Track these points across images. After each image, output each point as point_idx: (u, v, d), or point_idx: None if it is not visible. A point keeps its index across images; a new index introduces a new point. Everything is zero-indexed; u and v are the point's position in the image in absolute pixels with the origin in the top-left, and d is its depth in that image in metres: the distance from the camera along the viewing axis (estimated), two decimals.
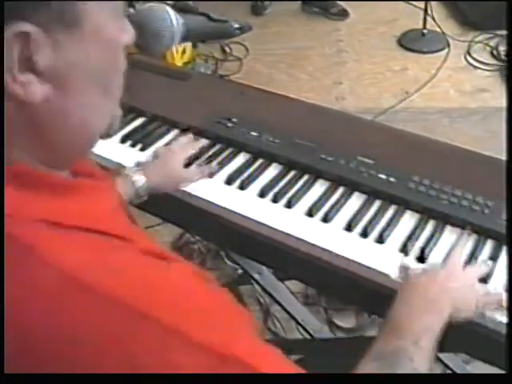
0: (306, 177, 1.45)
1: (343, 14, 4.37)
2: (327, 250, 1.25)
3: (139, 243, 0.71)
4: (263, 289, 1.99)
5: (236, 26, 1.39)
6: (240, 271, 2.26)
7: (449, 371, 2.04)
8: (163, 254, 0.72)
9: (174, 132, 1.63)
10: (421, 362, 0.94)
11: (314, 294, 2.32)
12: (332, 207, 1.36)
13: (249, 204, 1.38)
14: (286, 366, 0.73)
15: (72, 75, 0.66)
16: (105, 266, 0.65)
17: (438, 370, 2.11)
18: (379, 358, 0.94)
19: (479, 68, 3.78)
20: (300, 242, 1.28)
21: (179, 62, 3.08)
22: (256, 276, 1.79)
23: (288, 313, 2.03)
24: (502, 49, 3.90)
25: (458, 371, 1.98)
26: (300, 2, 4.52)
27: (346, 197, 1.39)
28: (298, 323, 2.06)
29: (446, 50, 3.93)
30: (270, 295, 1.99)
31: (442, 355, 1.97)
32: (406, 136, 1.57)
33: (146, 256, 0.69)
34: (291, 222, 1.33)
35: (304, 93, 3.34)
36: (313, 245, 1.27)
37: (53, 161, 0.70)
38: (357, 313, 2.24)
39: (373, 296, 1.21)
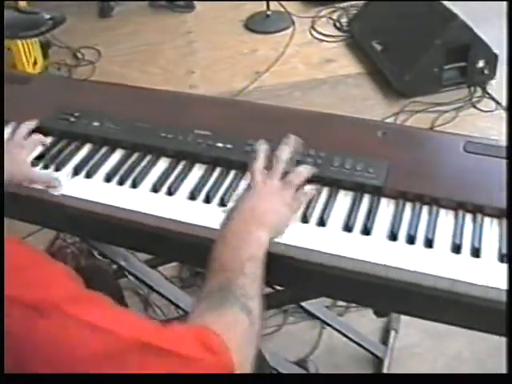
0: (148, 157, 1.49)
1: (189, 5, 4.44)
2: (174, 220, 1.31)
3: None
4: (137, 278, 2.01)
5: (47, 16, 1.40)
6: (114, 266, 2.27)
7: (325, 325, 2.14)
8: None
9: None
10: (249, 286, 1.01)
11: (188, 276, 2.37)
12: (175, 180, 1.41)
13: (96, 190, 1.42)
14: (112, 310, 0.78)
15: None
16: None
17: (316, 324, 2.22)
18: (211, 294, 1.00)
19: (324, 41, 3.94)
20: (148, 216, 1.33)
21: None
22: (122, 263, 1.82)
23: (166, 298, 2.05)
24: (344, 20, 4.07)
25: (333, 323, 2.08)
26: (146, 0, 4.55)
27: (187, 169, 1.44)
28: (178, 307, 2.09)
29: (292, 28, 4.06)
30: (145, 283, 2.01)
31: (314, 309, 2.06)
32: (239, 105, 1.65)
33: None
34: (138, 199, 1.38)
35: (158, 86, 3.35)
36: (160, 217, 1.32)
37: None
38: None
39: None
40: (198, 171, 1.44)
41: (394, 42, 3.50)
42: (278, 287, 1.77)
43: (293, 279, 1.31)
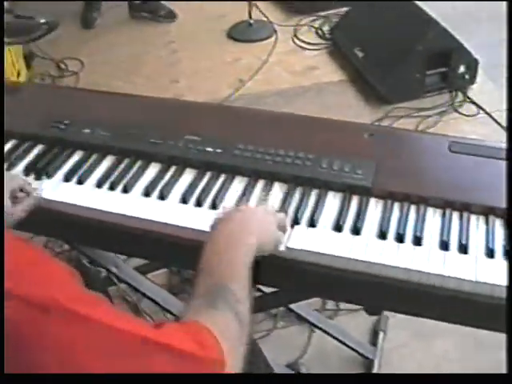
0: (139, 162, 1.51)
1: (171, 15, 4.45)
2: (166, 224, 1.33)
3: None
4: (128, 284, 2.02)
5: (42, 20, 1.42)
6: (104, 274, 2.28)
7: (315, 328, 2.16)
8: None
9: (12, 142, 1.64)
10: (239, 291, 1.03)
11: (178, 282, 2.38)
12: (166, 185, 1.43)
13: (88, 195, 1.43)
14: (112, 308, 0.80)
15: None
16: None
17: (305, 328, 2.23)
18: (202, 297, 1.02)
19: (307, 49, 3.96)
20: (141, 220, 1.35)
21: None
22: (114, 270, 1.83)
23: (157, 303, 2.06)
24: (326, 29, 4.10)
25: (323, 327, 2.09)
26: (127, 11, 4.55)
27: (178, 174, 1.46)
28: (170, 313, 2.09)
29: (274, 37, 4.09)
30: (137, 289, 2.02)
31: (304, 313, 2.08)
32: (227, 110, 1.67)
33: None
34: (130, 204, 1.40)
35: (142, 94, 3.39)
36: (151, 221, 1.34)
37: None
38: None
39: None
40: (188, 175, 1.46)
41: (376, 48, 3.53)
42: (267, 290, 1.80)
43: (285, 280, 1.34)
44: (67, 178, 1.49)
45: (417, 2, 3.45)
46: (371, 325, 2.25)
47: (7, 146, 1.62)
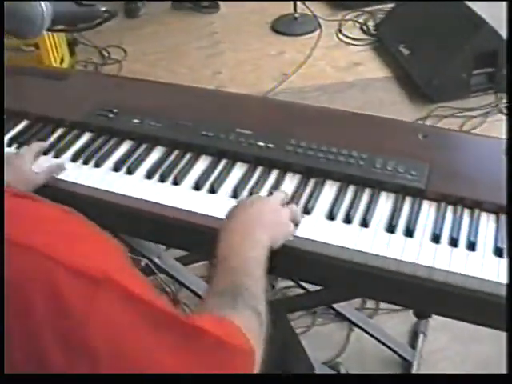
0: (189, 154, 1.50)
1: (214, 6, 4.45)
2: (214, 217, 1.31)
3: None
4: (169, 275, 2.02)
5: (103, 8, 1.42)
6: (143, 263, 2.28)
7: (354, 326, 2.14)
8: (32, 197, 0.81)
9: (61, 130, 1.63)
10: (255, 289, 1.03)
11: None
12: (217, 179, 1.42)
13: (138, 186, 1.42)
14: (152, 291, 0.81)
15: None
16: None
17: (344, 326, 2.22)
18: (220, 295, 1.01)
19: (351, 44, 3.94)
20: (190, 213, 1.34)
21: None
22: (156, 260, 1.82)
23: (198, 295, 2.05)
24: (371, 24, 4.07)
25: (363, 325, 2.08)
26: (171, 1, 4.56)
27: (228, 168, 1.45)
28: None
29: (318, 31, 4.06)
30: (177, 280, 2.01)
31: (343, 310, 2.06)
32: (280, 104, 1.65)
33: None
34: (180, 196, 1.38)
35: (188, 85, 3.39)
36: (203, 215, 1.33)
37: None
38: None
39: None
40: (239, 170, 1.45)
41: (422, 46, 3.50)
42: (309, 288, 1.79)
43: (335, 279, 1.32)
44: (116, 168, 1.48)
45: (466, 2, 3.40)
46: (411, 326, 2.22)
47: (56, 134, 1.62)
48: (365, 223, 1.29)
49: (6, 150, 1.57)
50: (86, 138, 1.60)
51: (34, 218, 0.77)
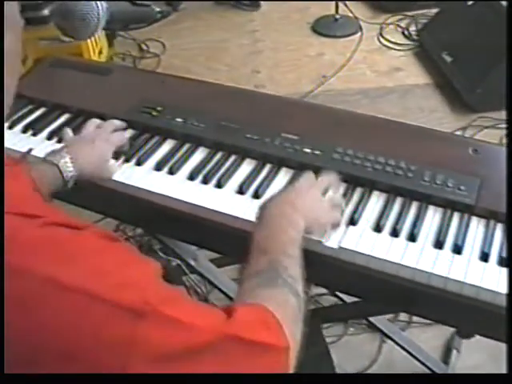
0: (233, 157, 1.48)
1: (256, 4, 4.43)
2: None
3: (53, 217, 0.75)
4: (202, 276, 2.00)
5: (157, 9, 1.41)
6: (174, 263, 2.27)
7: (386, 338, 2.11)
8: (77, 225, 0.77)
9: None
10: (293, 268, 1.02)
11: None
12: (261, 183, 1.39)
13: (179, 187, 1.40)
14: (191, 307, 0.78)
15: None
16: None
17: (376, 337, 2.18)
18: (258, 274, 0.99)
19: (392, 48, 3.89)
20: (233, 218, 1.31)
21: None
22: (192, 262, 1.81)
23: (230, 298, 2.04)
24: (413, 29, 4.02)
25: (395, 337, 2.04)
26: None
27: (273, 173, 1.42)
28: None
29: (359, 34, 4.02)
30: (210, 281, 2.00)
31: (376, 321, 2.03)
32: (327, 110, 1.62)
33: (59, 227, 0.74)
34: (223, 200, 1.36)
35: (223, 83, 3.36)
36: (247, 221, 1.30)
37: None
38: None
39: None
40: (284, 176, 1.42)
41: (465, 54, 3.44)
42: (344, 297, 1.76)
43: (377, 293, 1.28)
44: (158, 167, 1.46)
45: None
46: (444, 341, 2.18)
47: None
48: (412, 237, 1.25)
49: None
50: (128, 135, 1.57)
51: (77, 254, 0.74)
